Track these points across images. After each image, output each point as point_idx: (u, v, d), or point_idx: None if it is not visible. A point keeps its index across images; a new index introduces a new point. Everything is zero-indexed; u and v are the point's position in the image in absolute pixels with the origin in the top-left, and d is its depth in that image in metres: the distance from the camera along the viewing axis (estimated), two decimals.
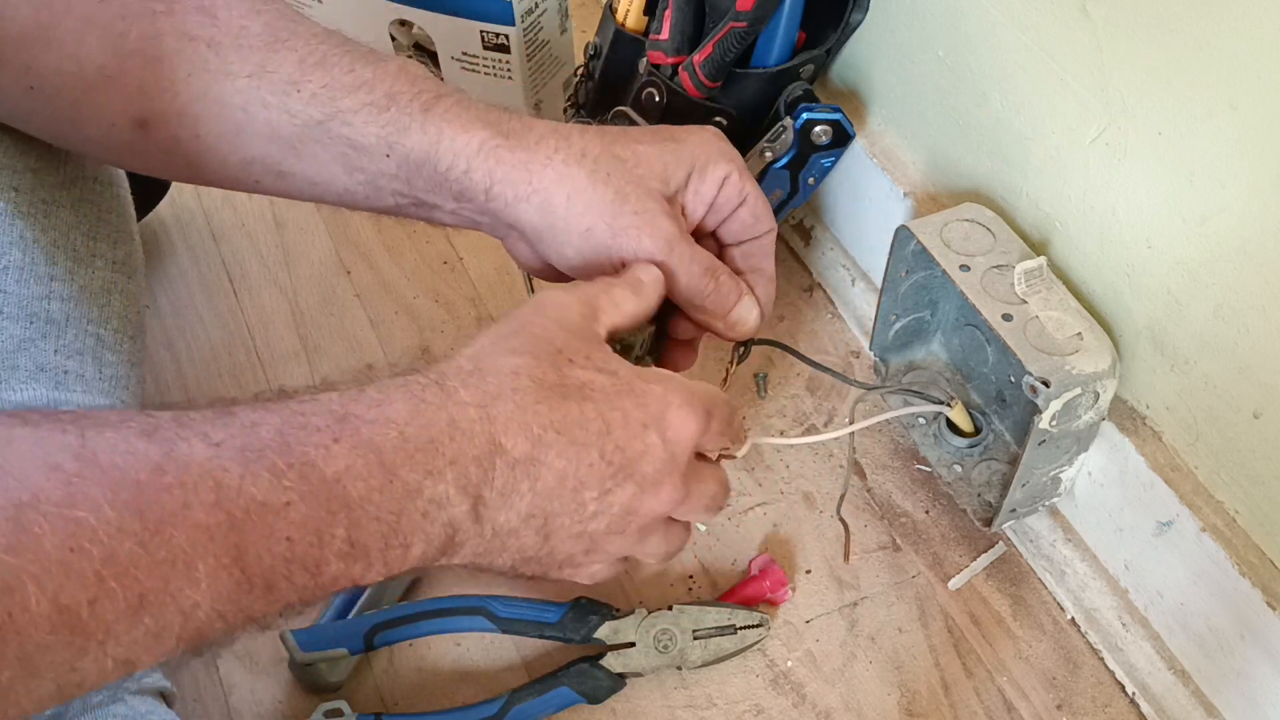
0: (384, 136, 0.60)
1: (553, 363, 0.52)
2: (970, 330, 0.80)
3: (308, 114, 0.60)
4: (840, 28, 0.83)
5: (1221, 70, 0.56)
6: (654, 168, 0.62)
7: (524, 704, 0.71)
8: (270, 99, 0.59)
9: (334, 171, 0.61)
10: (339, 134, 0.60)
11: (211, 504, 0.43)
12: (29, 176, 0.68)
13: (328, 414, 0.47)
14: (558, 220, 0.60)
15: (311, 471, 0.45)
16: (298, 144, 0.60)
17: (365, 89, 0.60)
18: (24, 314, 0.65)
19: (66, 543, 0.39)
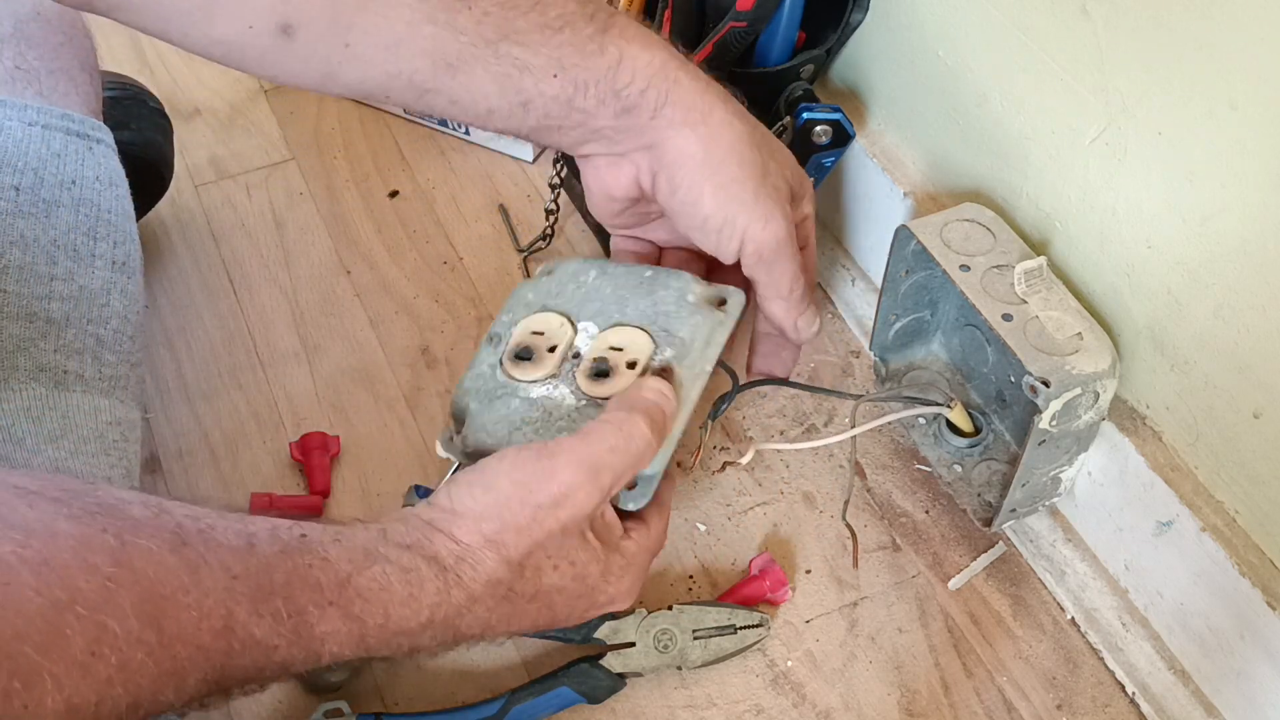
0: (557, 57, 0.59)
1: (535, 572, 0.56)
2: (970, 330, 0.80)
3: (478, 32, 0.58)
4: (840, 28, 0.83)
5: (1221, 70, 0.56)
6: (788, 164, 0.66)
7: (524, 704, 0.71)
8: (440, 14, 0.57)
9: (486, 91, 0.60)
10: (508, 54, 0.59)
11: (219, 630, 0.46)
12: (30, 176, 0.68)
13: (333, 578, 0.50)
14: (714, 158, 0.61)
15: (304, 627, 0.49)
16: (457, 62, 0.59)
17: (538, 9, 0.59)
18: (24, 313, 0.65)
19: (90, 646, 0.41)
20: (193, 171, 1.04)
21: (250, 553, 0.48)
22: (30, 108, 0.70)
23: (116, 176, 0.74)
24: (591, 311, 0.65)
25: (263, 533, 0.49)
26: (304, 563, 0.50)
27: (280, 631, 0.48)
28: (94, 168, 0.72)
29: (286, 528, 0.51)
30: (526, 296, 0.67)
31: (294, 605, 0.48)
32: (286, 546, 0.50)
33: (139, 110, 0.93)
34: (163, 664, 0.44)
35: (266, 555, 0.48)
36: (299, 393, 0.89)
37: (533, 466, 0.55)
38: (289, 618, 0.48)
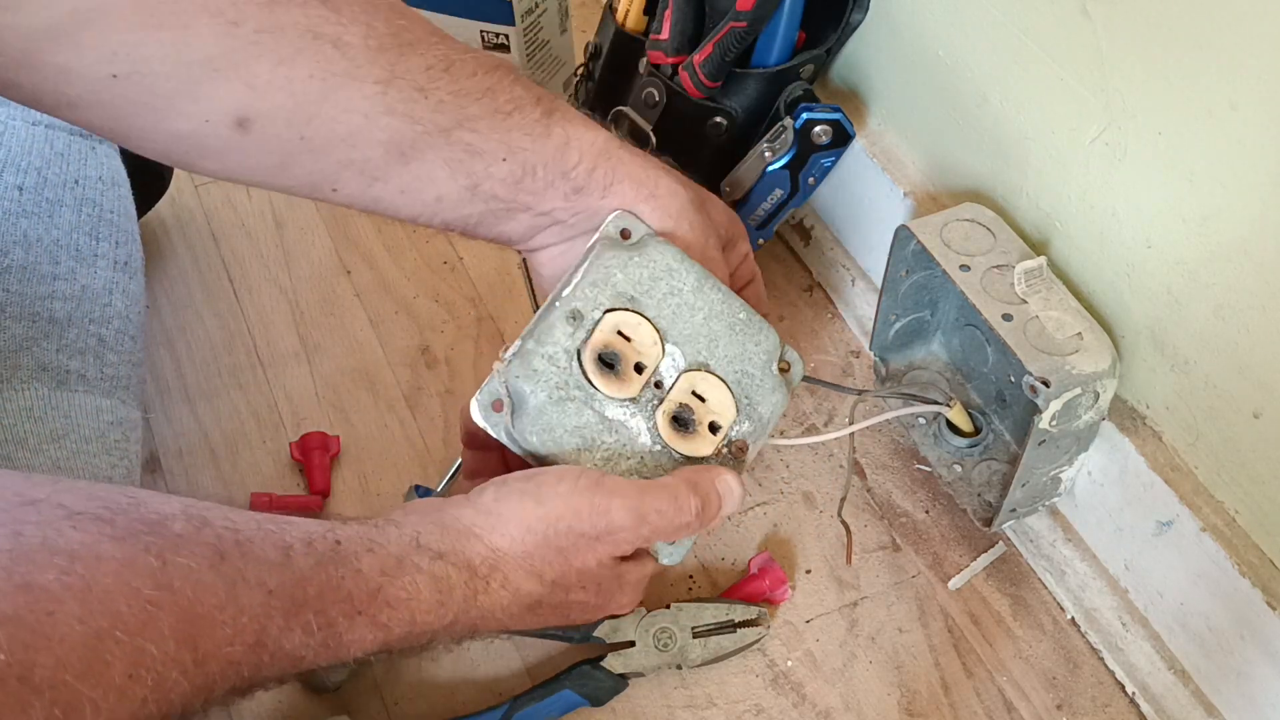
0: (506, 141, 0.60)
1: (565, 591, 0.59)
2: (970, 330, 0.80)
3: (433, 120, 0.59)
4: (840, 28, 0.83)
5: (1221, 70, 0.56)
6: (722, 218, 0.69)
7: (527, 709, 0.71)
8: (399, 105, 0.58)
9: (436, 177, 0.60)
10: (460, 140, 0.59)
11: (251, 645, 0.47)
12: (33, 176, 0.68)
13: (364, 589, 0.51)
14: (667, 227, 0.64)
15: (332, 637, 0.50)
16: (410, 150, 0.59)
17: (490, 95, 0.60)
18: (26, 313, 0.65)
19: (129, 670, 0.42)
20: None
21: (287, 566, 0.49)
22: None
23: (119, 176, 0.74)
24: (681, 335, 0.64)
25: (299, 544, 0.50)
26: (337, 575, 0.51)
27: (310, 644, 0.49)
28: (96, 168, 0.72)
29: (322, 535, 0.51)
30: (615, 276, 0.63)
31: (325, 618, 0.50)
32: (321, 558, 0.50)
33: None
34: (195, 680, 0.44)
35: (302, 569, 0.49)
36: (299, 393, 0.89)
37: (589, 497, 0.57)
38: (319, 630, 0.49)
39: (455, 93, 0.59)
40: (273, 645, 0.48)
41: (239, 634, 0.46)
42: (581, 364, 0.62)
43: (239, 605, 0.46)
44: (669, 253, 0.64)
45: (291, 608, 0.48)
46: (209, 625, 0.45)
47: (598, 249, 0.63)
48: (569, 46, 1.03)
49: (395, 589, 0.52)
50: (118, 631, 0.42)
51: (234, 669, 0.46)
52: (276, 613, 0.48)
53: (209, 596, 0.45)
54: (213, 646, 0.45)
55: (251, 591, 0.47)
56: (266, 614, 0.47)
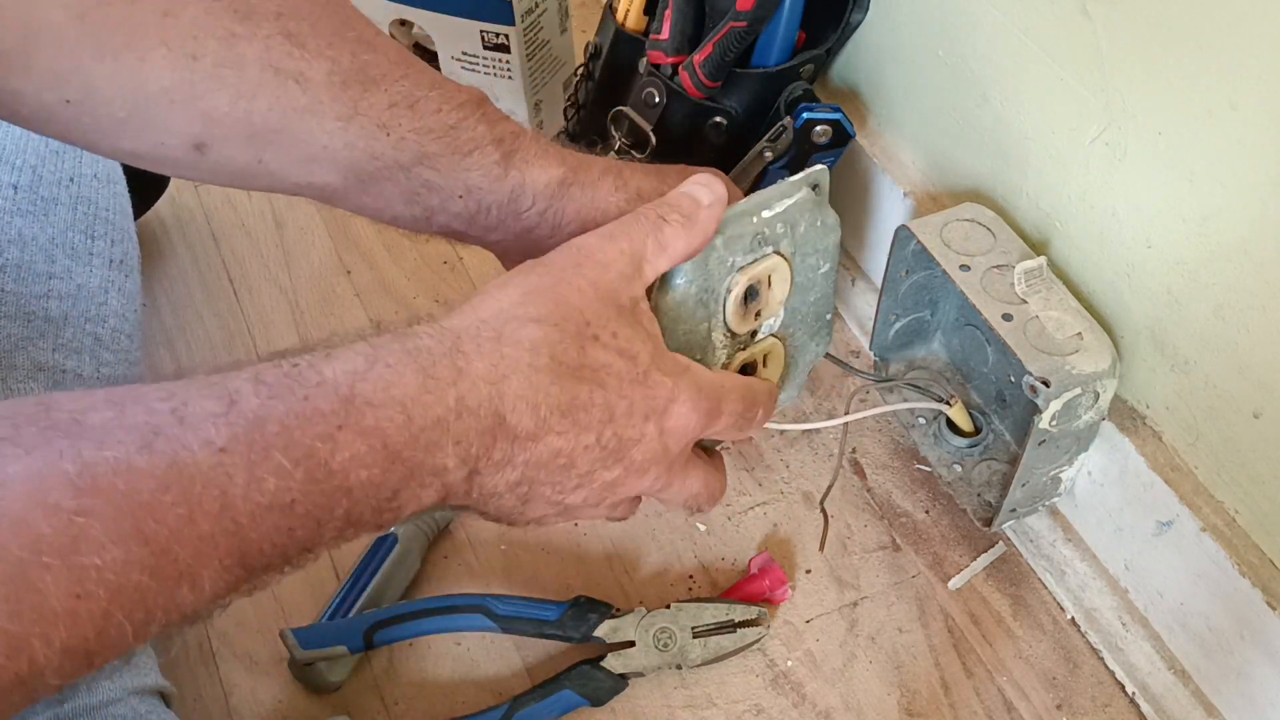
0: (464, 181, 0.60)
1: (576, 338, 0.51)
2: (970, 330, 0.80)
3: (393, 157, 0.59)
4: (840, 28, 0.83)
5: (1221, 70, 0.56)
6: None
7: (527, 709, 0.71)
8: (357, 141, 0.58)
9: (393, 204, 0.61)
10: (419, 176, 0.60)
11: (216, 513, 0.42)
12: (28, 174, 0.68)
13: (334, 396, 0.45)
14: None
15: (316, 467, 0.44)
16: (368, 180, 0.60)
17: (451, 135, 0.60)
18: (22, 312, 0.65)
19: (71, 590, 0.38)
20: None
21: (233, 414, 0.43)
22: None
23: (114, 174, 0.74)
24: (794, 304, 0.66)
25: (245, 385, 0.45)
26: (298, 397, 0.45)
27: (290, 485, 0.44)
28: (91, 165, 0.72)
29: (273, 366, 0.46)
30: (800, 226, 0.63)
31: (298, 450, 0.44)
32: (275, 389, 0.45)
33: None
34: (164, 572, 0.41)
35: (253, 409, 0.44)
36: None
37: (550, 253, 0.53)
38: (296, 465, 0.44)
39: (417, 130, 0.59)
40: (245, 505, 0.43)
41: (195, 507, 0.42)
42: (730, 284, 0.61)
43: (185, 478, 0.41)
44: (833, 229, 0.65)
45: (253, 455, 0.43)
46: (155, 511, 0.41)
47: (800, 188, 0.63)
48: (569, 46, 1.03)
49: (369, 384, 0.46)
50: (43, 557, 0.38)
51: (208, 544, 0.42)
52: (237, 468, 0.42)
53: (144, 483, 0.41)
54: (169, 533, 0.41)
55: (196, 457, 0.42)
56: (225, 474, 0.42)
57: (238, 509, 0.42)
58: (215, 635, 0.77)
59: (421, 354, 0.48)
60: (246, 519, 0.43)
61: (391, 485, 0.47)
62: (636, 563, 0.80)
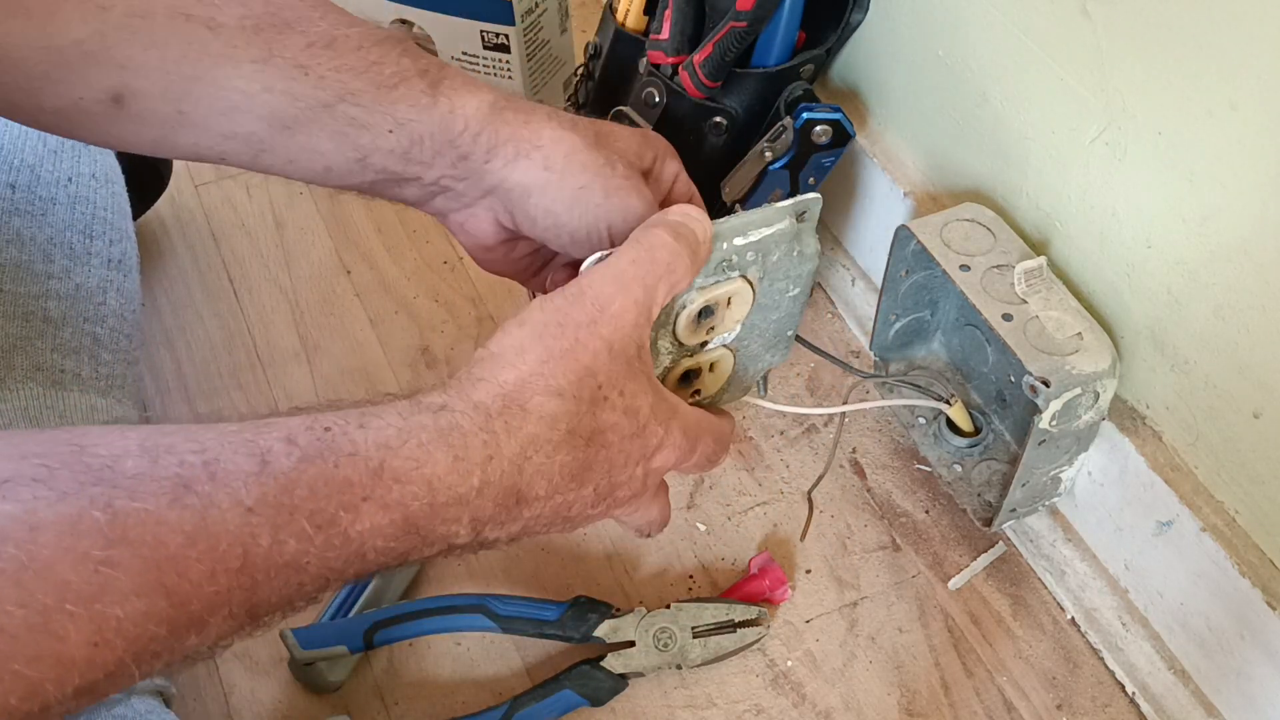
0: (392, 114, 0.60)
1: (591, 405, 0.52)
2: (970, 330, 0.80)
3: (315, 96, 0.58)
4: (840, 28, 0.83)
5: (1221, 70, 0.56)
6: (630, 145, 0.65)
7: (527, 709, 0.71)
8: (277, 83, 0.57)
9: (323, 149, 0.60)
10: (344, 114, 0.59)
11: (236, 570, 0.43)
12: (26, 173, 0.68)
13: (364, 469, 0.46)
14: (554, 176, 0.61)
15: (336, 534, 0.45)
16: (293, 124, 0.59)
17: (374, 69, 0.59)
18: (20, 312, 0.65)
19: (91, 639, 0.39)
20: (192, 171, 1.04)
21: (265, 475, 0.44)
22: None
23: (112, 174, 0.74)
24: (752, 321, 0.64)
25: (278, 445, 0.45)
26: (329, 464, 0.46)
27: (309, 549, 0.45)
28: (90, 165, 0.72)
29: (306, 428, 0.46)
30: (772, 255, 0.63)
31: (322, 516, 0.45)
32: (306, 452, 0.46)
33: None
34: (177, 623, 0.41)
35: (284, 471, 0.45)
36: (299, 393, 0.89)
37: (563, 297, 0.53)
38: (318, 530, 0.45)
39: (337, 68, 0.58)
40: (264, 563, 0.44)
41: (218, 562, 0.42)
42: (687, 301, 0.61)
43: (212, 536, 0.42)
44: (810, 259, 0.65)
45: (279, 518, 0.44)
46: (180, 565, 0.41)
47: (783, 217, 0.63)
48: (569, 46, 1.03)
49: (400, 460, 0.47)
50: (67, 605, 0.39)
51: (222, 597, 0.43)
52: (262, 529, 0.44)
53: (173, 536, 0.42)
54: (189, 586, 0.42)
55: (225, 515, 0.43)
56: (248, 532, 0.43)
57: (256, 567, 0.43)
58: None
59: (453, 434, 0.48)
60: (263, 576, 0.44)
61: (402, 550, 0.48)
62: (636, 563, 0.80)
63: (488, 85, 0.63)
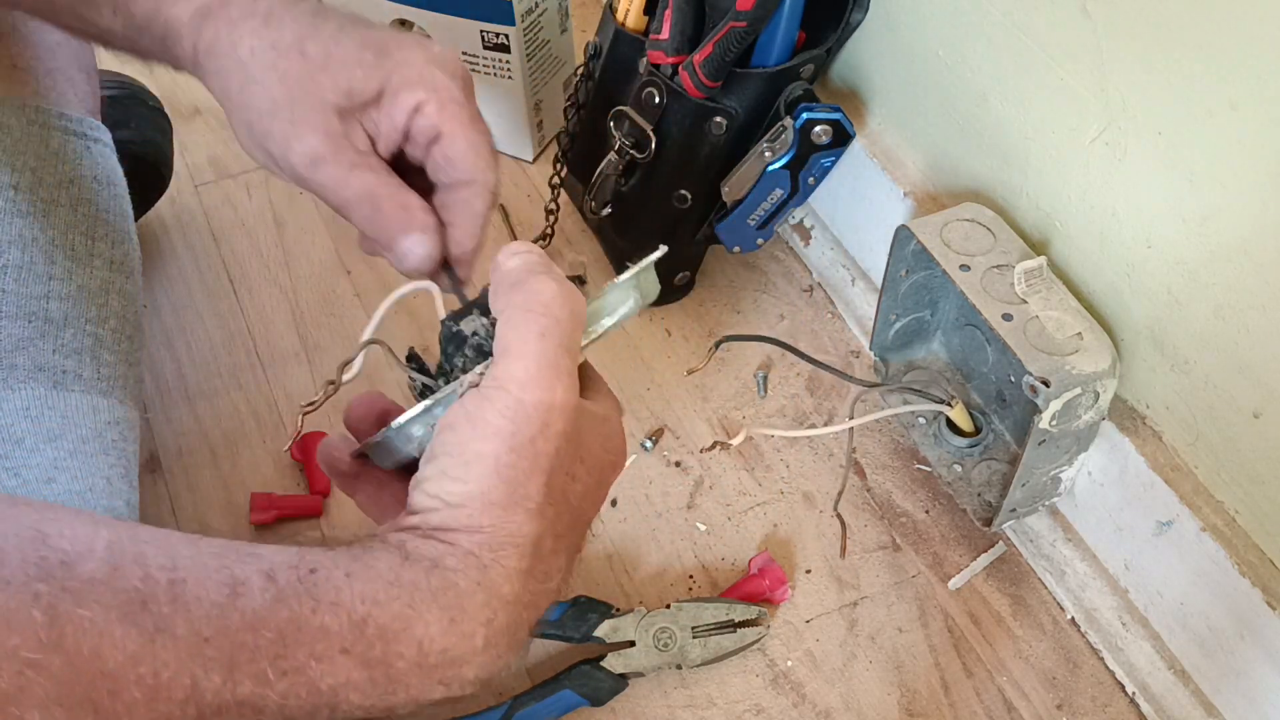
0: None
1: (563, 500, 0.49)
2: (970, 330, 0.80)
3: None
4: (840, 28, 0.83)
5: (1221, 70, 0.56)
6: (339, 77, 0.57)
7: (527, 709, 0.71)
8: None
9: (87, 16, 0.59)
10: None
11: (179, 701, 0.40)
12: (28, 175, 0.68)
13: (345, 620, 0.43)
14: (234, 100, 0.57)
15: (302, 684, 0.42)
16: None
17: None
18: (23, 313, 0.65)
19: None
20: (193, 171, 1.04)
21: (231, 607, 0.41)
22: (28, 107, 0.70)
23: (114, 176, 0.74)
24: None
25: (255, 578, 0.42)
26: (306, 609, 0.42)
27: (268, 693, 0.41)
28: (91, 167, 0.72)
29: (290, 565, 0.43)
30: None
31: (289, 662, 0.42)
32: (284, 592, 0.42)
33: (138, 109, 0.93)
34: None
35: (254, 608, 0.42)
36: (299, 393, 0.89)
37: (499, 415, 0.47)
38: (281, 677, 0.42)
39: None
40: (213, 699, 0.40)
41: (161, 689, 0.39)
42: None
43: (159, 660, 0.39)
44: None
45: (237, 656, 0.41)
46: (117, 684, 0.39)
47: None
48: (569, 46, 1.03)
49: (386, 616, 0.44)
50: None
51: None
52: (214, 663, 0.40)
53: (114, 652, 0.39)
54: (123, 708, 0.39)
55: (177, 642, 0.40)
56: (200, 665, 0.40)
57: (205, 701, 0.41)
58: None
59: (449, 594, 0.45)
60: (210, 712, 0.41)
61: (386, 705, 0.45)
62: (636, 563, 0.80)
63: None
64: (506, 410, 0.47)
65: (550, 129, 1.05)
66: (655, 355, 0.91)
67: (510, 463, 0.47)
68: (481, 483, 0.47)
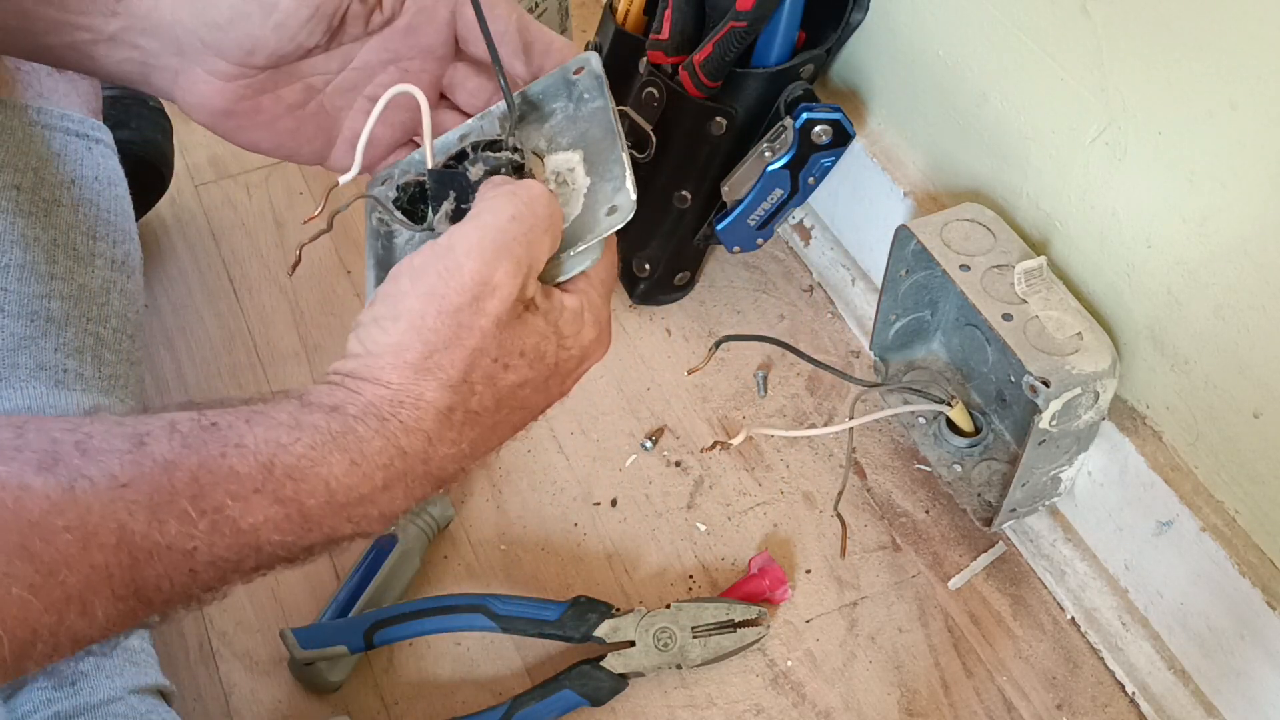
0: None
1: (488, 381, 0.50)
2: (970, 330, 0.80)
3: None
4: (840, 28, 0.83)
5: (1221, 70, 0.56)
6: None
7: (527, 709, 0.71)
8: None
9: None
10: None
11: (112, 546, 0.41)
12: (30, 176, 0.68)
13: (253, 461, 0.45)
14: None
15: (224, 522, 0.44)
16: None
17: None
18: (24, 312, 0.65)
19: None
20: (193, 171, 1.04)
21: (140, 455, 0.43)
22: (30, 108, 0.70)
23: (115, 176, 0.74)
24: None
25: (158, 430, 0.44)
26: (214, 453, 0.44)
27: (193, 533, 0.43)
28: (93, 167, 0.72)
29: (190, 419, 0.45)
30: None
31: (207, 502, 0.43)
32: (189, 439, 0.44)
33: (139, 109, 0.93)
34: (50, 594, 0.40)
35: (163, 454, 0.43)
36: None
37: (436, 274, 0.48)
38: (202, 515, 0.43)
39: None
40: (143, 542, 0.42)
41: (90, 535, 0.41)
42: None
43: (81, 505, 0.41)
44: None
45: (156, 498, 0.42)
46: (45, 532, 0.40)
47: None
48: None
49: (292, 457, 0.45)
50: None
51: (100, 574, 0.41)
52: (137, 506, 0.42)
53: (36, 501, 0.40)
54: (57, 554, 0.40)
55: (95, 488, 0.41)
56: (123, 508, 0.42)
57: (135, 545, 0.42)
58: (215, 635, 0.77)
59: (348, 437, 0.47)
60: (144, 555, 0.42)
61: (305, 544, 0.47)
62: (636, 563, 0.80)
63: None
64: (445, 272, 0.48)
65: None
66: (655, 355, 0.91)
67: (433, 327, 0.48)
68: (402, 338, 0.48)
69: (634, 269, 0.92)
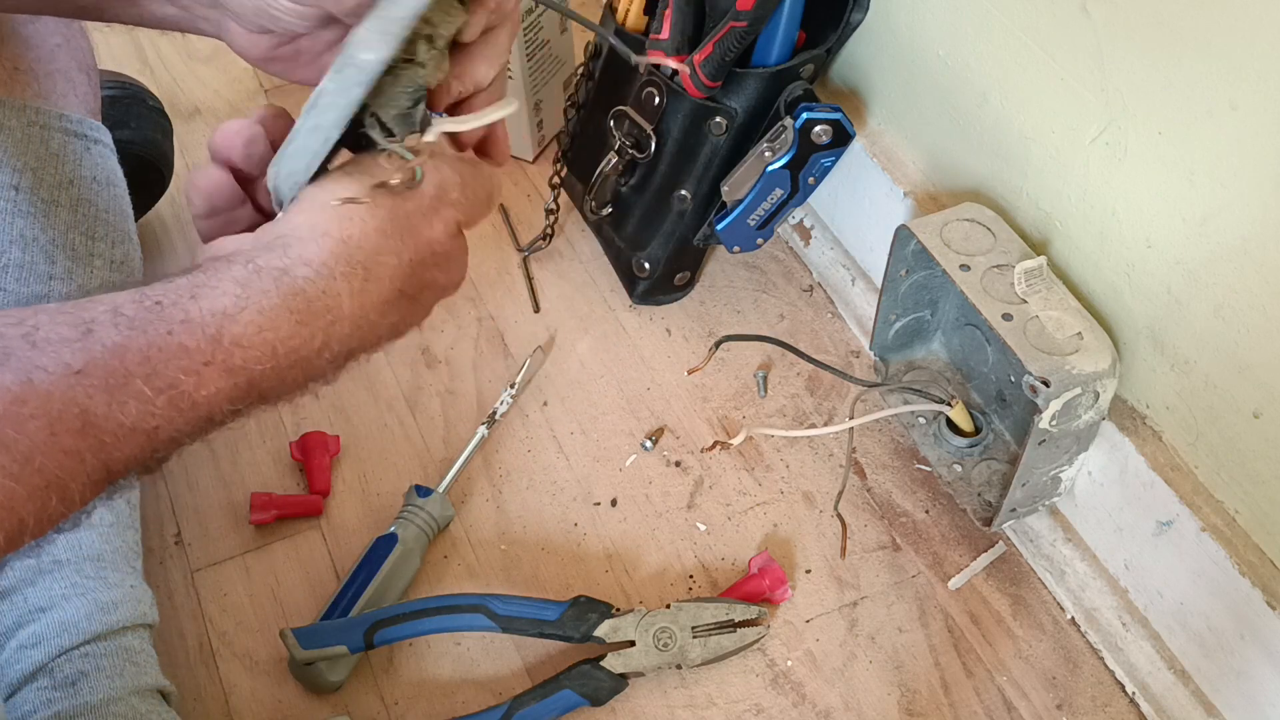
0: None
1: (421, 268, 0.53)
2: (970, 330, 0.80)
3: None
4: (840, 27, 0.83)
5: (1221, 70, 0.56)
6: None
7: (527, 708, 0.71)
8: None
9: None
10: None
11: (78, 430, 0.43)
12: (29, 176, 0.68)
13: (200, 335, 0.46)
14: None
15: (179, 397, 0.46)
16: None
17: None
18: None
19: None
20: (193, 171, 1.04)
21: (90, 341, 0.44)
22: (29, 108, 0.70)
23: (114, 176, 0.74)
24: None
25: (102, 315, 0.45)
26: (162, 331, 0.46)
27: (153, 411, 0.45)
28: (91, 168, 0.72)
29: (133, 301, 0.46)
30: None
31: (161, 380, 0.45)
32: (135, 322, 0.45)
33: (138, 109, 0.93)
34: (28, 480, 0.42)
35: (111, 339, 0.45)
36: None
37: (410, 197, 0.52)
38: (158, 393, 0.45)
39: None
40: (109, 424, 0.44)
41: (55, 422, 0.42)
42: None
43: (41, 394, 0.42)
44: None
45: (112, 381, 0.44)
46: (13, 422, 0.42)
47: None
48: (569, 46, 1.03)
49: (240, 326, 0.47)
50: None
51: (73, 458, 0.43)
52: (96, 390, 0.43)
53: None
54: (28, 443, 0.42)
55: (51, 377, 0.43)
56: (84, 393, 0.43)
57: (101, 428, 0.44)
58: (215, 635, 0.77)
59: (296, 298, 0.48)
60: (111, 438, 0.44)
61: (246, 412, 0.49)
62: (636, 562, 0.80)
63: None
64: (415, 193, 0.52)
65: (550, 129, 1.05)
66: (655, 355, 0.91)
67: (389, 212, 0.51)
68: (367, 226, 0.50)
69: (634, 269, 0.92)
